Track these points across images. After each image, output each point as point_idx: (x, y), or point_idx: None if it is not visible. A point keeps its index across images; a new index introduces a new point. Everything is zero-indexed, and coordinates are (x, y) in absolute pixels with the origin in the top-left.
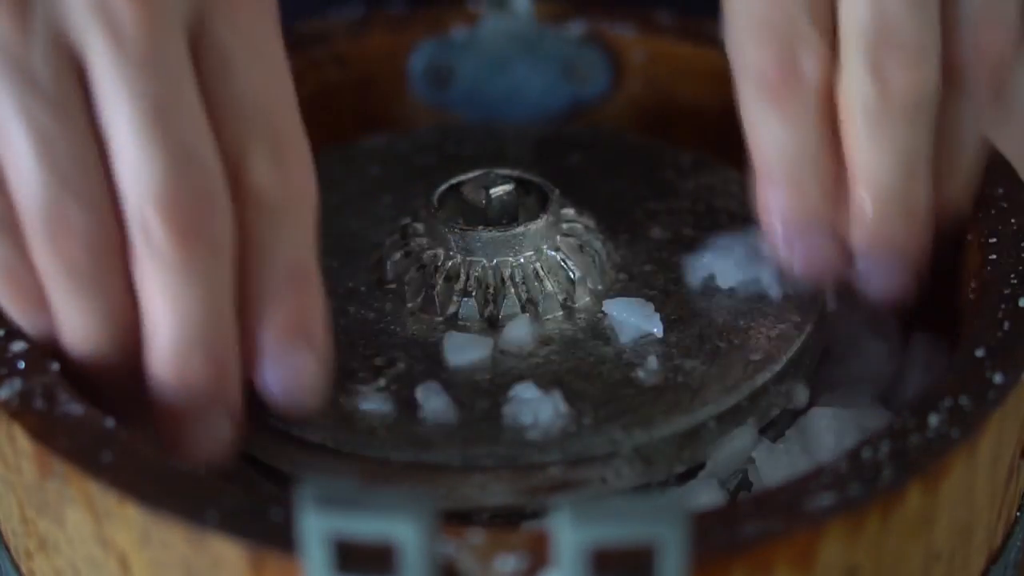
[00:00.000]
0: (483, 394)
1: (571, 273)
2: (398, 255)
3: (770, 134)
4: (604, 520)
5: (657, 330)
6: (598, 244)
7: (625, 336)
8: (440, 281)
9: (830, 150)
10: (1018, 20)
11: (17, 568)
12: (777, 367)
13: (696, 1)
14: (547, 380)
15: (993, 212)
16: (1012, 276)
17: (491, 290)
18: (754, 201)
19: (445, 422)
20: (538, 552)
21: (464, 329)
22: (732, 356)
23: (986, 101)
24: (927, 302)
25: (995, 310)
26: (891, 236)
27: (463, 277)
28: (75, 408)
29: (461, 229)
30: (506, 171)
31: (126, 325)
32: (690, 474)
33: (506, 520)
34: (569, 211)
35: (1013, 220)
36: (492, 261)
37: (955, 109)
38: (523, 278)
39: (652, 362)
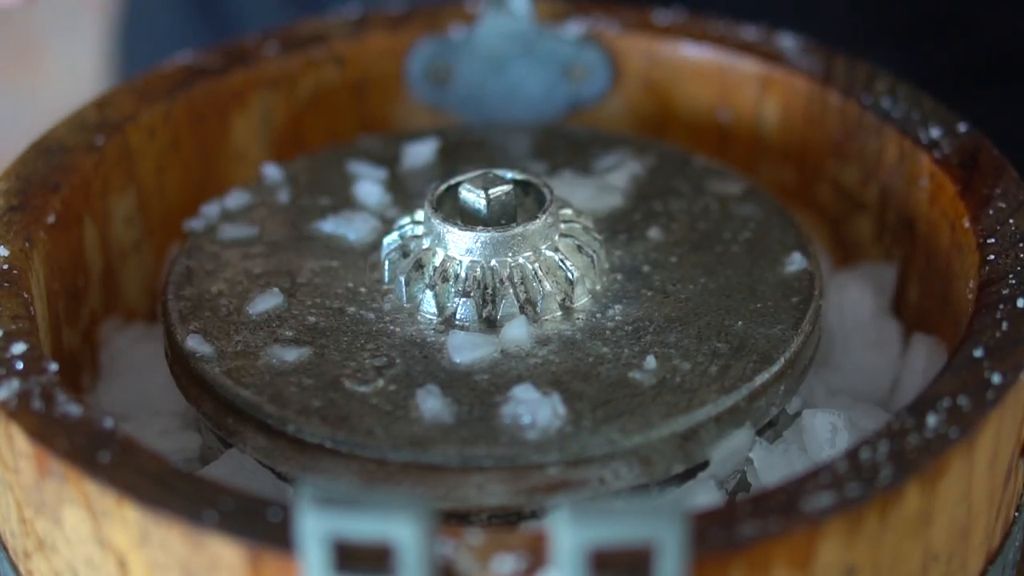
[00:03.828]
0: (481, 395)
1: (569, 273)
2: (397, 255)
3: None
4: (603, 520)
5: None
6: (596, 244)
7: None
8: (439, 281)
9: None
10: None
11: (15, 568)
12: (775, 368)
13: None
14: (545, 381)
15: (992, 212)
16: (1010, 276)
17: (489, 290)
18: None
19: (443, 422)
20: (536, 552)
21: (462, 330)
22: (730, 357)
23: None
24: (926, 302)
25: (993, 310)
26: None
27: (461, 277)
28: (73, 409)
29: (460, 229)
30: (505, 171)
31: None
32: (688, 474)
33: (504, 520)
34: (567, 211)
35: (1012, 220)
36: (490, 262)
37: None
38: (521, 278)
39: (650, 363)
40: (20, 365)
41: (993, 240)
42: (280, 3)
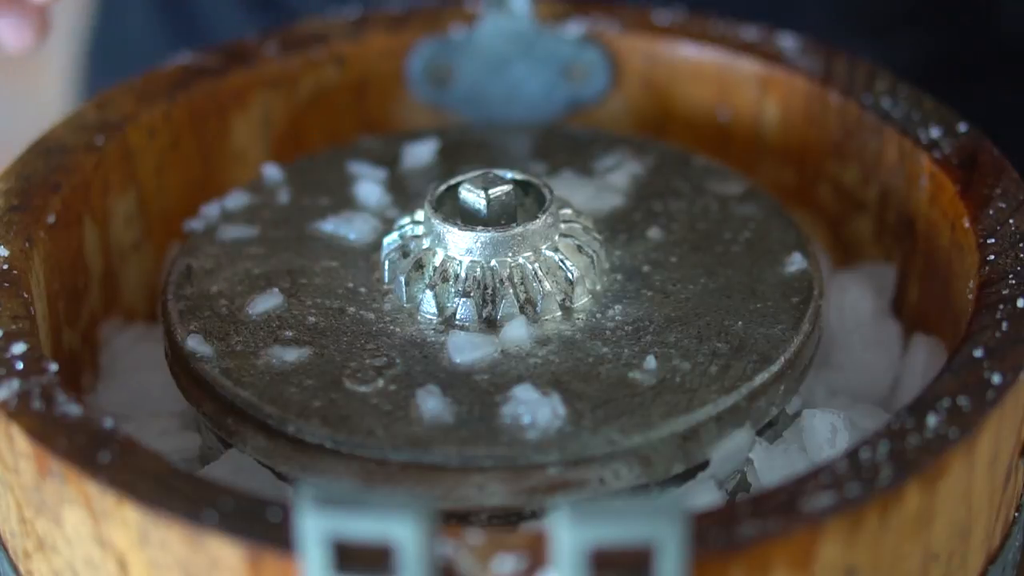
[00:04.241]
0: (481, 395)
1: (569, 273)
2: (397, 255)
3: None
4: (602, 520)
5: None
6: (596, 244)
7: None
8: (439, 281)
9: None
10: None
11: (15, 568)
12: (775, 368)
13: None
14: (545, 381)
15: (992, 212)
16: (1010, 276)
17: (489, 290)
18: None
19: (443, 423)
20: (536, 552)
21: (462, 330)
22: (730, 357)
23: None
24: (926, 302)
25: (993, 310)
26: None
27: (461, 278)
28: (73, 409)
29: (460, 229)
30: (505, 171)
31: None
32: (688, 474)
33: (504, 520)
34: (567, 211)
35: (1011, 220)
36: (490, 262)
37: None
38: (521, 278)
39: (650, 363)
40: (20, 365)
41: (993, 240)
42: (249, 10)
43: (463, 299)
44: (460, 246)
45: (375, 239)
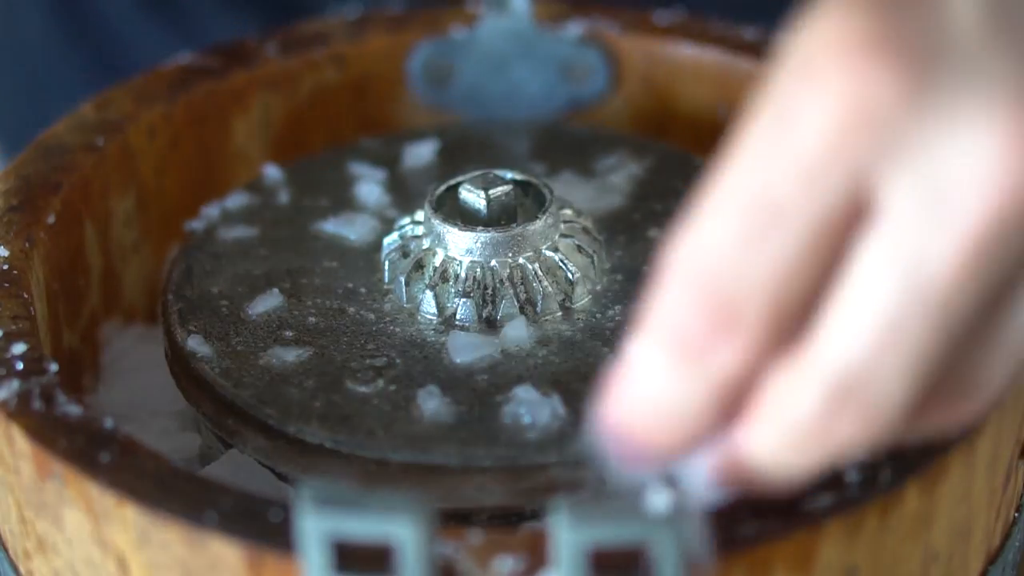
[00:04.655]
0: (482, 395)
1: (569, 274)
2: (397, 256)
3: None
4: (602, 521)
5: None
6: (596, 245)
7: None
8: (439, 282)
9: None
10: None
11: (15, 569)
12: None
13: (695, 2)
14: (546, 381)
15: None
16: None
17: (489, 291)
18: None
19: (443, 423)
20: (536, 552)
21: (462, 330)
22: None
23: None
24: None
25: None
26: None
27: (461, 278)
28: (73, 409)
29: (460, 230)
30: (505, 171)
31: None
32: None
33: (505, 521)
34: (567, 212)
35: None
36: (490, 262)
37: None
38: (522, 279)
39: None
40: (20, 365)
41: None
42: (147, 18)
43: (463, 299)
44: (460, 246)
45: (375, 239)
